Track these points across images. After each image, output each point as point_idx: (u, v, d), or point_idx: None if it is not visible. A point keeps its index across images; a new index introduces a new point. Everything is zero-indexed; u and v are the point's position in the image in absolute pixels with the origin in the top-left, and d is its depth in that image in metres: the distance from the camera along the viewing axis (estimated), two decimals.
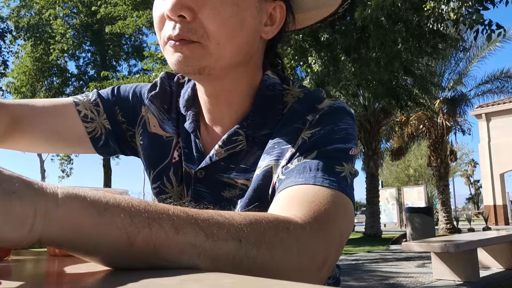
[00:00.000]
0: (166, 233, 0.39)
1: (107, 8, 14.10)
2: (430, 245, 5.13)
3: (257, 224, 0.45)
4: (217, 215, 0.43)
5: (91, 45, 19.84)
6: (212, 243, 0.41)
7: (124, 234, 0.38)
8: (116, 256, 0.39)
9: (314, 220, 0.50)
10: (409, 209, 12.65)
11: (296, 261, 0.46)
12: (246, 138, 0.70)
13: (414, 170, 37.05)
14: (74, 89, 19.65)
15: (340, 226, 0.53)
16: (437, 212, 17.03)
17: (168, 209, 0.41)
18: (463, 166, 48.16)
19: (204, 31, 0.62)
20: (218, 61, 0.64)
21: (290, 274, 0.46)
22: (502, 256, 6.02)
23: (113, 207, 0.38)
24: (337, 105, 0.68)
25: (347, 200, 0.57)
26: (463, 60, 17.24)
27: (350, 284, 6.01)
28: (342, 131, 0.64)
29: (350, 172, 0.61)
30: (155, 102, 0.80)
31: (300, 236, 0.47)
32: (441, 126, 16.25)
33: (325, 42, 8.43)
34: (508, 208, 22.37)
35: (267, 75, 0.73)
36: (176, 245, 0.39)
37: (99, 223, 0.37)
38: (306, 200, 0.53)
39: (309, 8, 0.77)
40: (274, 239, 0.45)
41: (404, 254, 9.36)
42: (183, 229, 0.40)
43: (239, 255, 0.42)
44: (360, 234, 16.08)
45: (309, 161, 0.59)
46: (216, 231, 0.41)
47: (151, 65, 12.13)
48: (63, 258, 0.64)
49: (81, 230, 0.37)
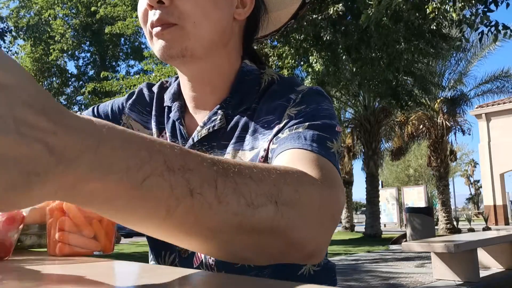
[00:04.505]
0: (209, 205, 0.38)
1: (106, 8, 14.11)
2: (430, 245, 5.13)
3: (291, 180, 0.46)
4: (254, 173, 0.43)
5: (90, 45, 19.87)
6: (252, 210, 0.41)
7: (162, 207, 0.36)
8: (151, 224, 0.38)
9: (325, 179, 0.52)
10: (409, 209, 12.66)
11: (316, 216, 0.48)
12: (225, 117, 0.74)
13: (414, 170, 37.07)
14: (74, 89, 19.66)
15: (341, 198, 0.55)
16: (437, 212, 17.04)
17: (210, 172, 0.39)
18: (463, 166, 48.22)
19: (181, 12, 0.67)
20: (197, 40, 0.69)
21: (309, 231, 0.47)
22: (502, 256, 6.01)
23: (152, 176, 0.35)
24: (315, 88, 0.73)
25: (340, 178, 0.59)
26: (463, 59, 17.26)
27: (350, 284, 6.01)
28: (326, 110, 0.68)
29: (338, 150, 0.63)
30: (134, 109, 0.85)
31: (321, 192, 0.50)
32: (441, 126, 16.26)
33: (327, 42, 8.43)
34: (508, 208, 22.37)
35: (245, 62, 0.78)
36: (218, 215, 0.39)
37: (135, 197, 0.35)
38: (311, 163, 0.55)
39: (277, 7, 0.82)
40: (304, 196, 0.46)
41: (404, 254, 9.36)
42: (225, 198, 0.39)
43: (277, 217, 0.43)
44: (360, 234, 16.09)
45: (302, 131, 0.62)
46: (256, 197, 0.41)
47: (151, 66, 12.14)
48: (63, 258, 0.64)
49: (114, 203, 0.35)
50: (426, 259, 7.97)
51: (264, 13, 0.81)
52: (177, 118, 0.79)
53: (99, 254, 0.69)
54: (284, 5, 0.83)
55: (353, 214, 21.97)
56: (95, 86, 12.60)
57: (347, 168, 19.92)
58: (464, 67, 17.42)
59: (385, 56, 9.03)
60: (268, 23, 0.83)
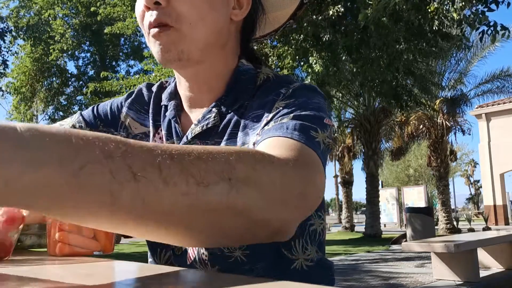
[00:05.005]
0: (155, 187, 0.37)
1: (106, 8, 14.10)
2: (430, 245, 5.13)
3: (245, 158, 0.45)
4: (203, 153, 0.42)
5: (90, 45, 19.85)
6: (203, 189, 0.40)
7: (106, 193, 0.35)
8: (98, 215, 0.37)
9: (294, 160, 0.52)
10: (409, 209, 12.65)
11: (278, 194, 0.47)
12: (219, 115, 0.74)
13: (414, 170, 37.07)
14: (74, 89, 19.66)
15: (319, 181, 0.54)
16: (437, 212, 17.03)
17: (152, 156, 0.38)
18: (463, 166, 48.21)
19: (177, 13, 0.67)
20: (193, 43, 0.69)
21: (271, 209, 0.46)
22: (502, 256, 6.01)
23: (90, 163, 0.35)
24: (308, 84, 0.74)
25: (321, 164, 0.58)
26: (463, 59, 17.26)
27: (350, 284, 6.01)
28: (315, 103, 0.68)
29: (324, 141, 0.62)
30: (132, 107, 0.86)
31: (284, 170, 0.49)
32: (441, 126, 16.25)
33: (327, 42, 8.42)
34: (508, 208, 22.37)
35: (241, 62, 0.79)
36: (167, 197, 0.38)
37: (75, 186, 0.34)
38: (285, 147, 0.55)
39: (276, 7, 0.83)
40: (261, 173, 0.45)
41: (403, 254, 9.35)
42: (172, 179, 0.38)
43: (232, 194, 0.42)
44: (360, 234, 16.09)
45: (285, 122, 0.61)
46: (206, 175, 0.40)
47: (151, 66, 12.13)
48: (63, 258, 0.64)
49: (53, 196, 0.34)
50: (426, 259, 7.97)
51: (262, 14, 0.81)
52: (173, 116, 0.80)
53: (99, 254, 0.69)
54: (282, 6, 0.83)
55: (353, 214, 21.96)
56: (95, 86, 12.58)
57: (347, 168, 19.91)
58: (464, 67, 17.42)
59: (385, 56, 9.03)
60: (266, 23, 0.83)
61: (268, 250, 0.70)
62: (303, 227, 0.73)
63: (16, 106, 18.52)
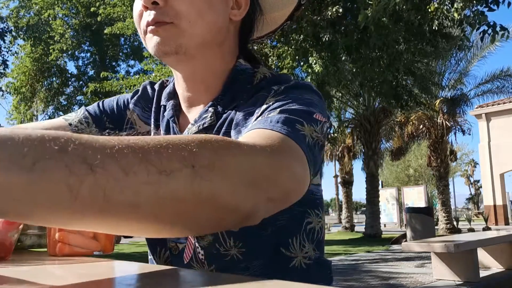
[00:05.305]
0: (114, 178, 0.36)
1: (106, 9, 14.09)
2: (430, 245, 5.13)
3: (208, 144, 0.44)
4: (164, 142, 0.41)
5: (90, 45, 19.84)
6: (166, 177, 0.38)
7: (64, 187, 0.34)
8: (59, 212, 0.35)
9: (268, 146, 0.50)
10: (409, 209, 12.65)
11: (246, 178, 0.46)
12: (216, 114, 0.75)
13: (414, 170, 37.06)
14: (74, 89, 19.65)
15: (295, 168, 0.53)
16: (437, 212, 17.03)
17: (108, 147, 0.37)
18: (463, 166, 48.20)
19: (176, 12, 0.68)
20: (191, 38, 0.70)
21: (239, 193, 0.45)
22: (502, 256, 6.01)
23: (43, 159, 0.33)
24: (304, 82, 0.73)
25: (303, 155, 0.55)
26: (463, 59, 17.26)
27: (350, 284, 6.01)
28: (307, 99, 0.66)
29: (311, 135, 0.60)
30: (138, 104, 0.87)
31: (253, 154, 0.48)
32: (441, 126, 16.25)
33: (326, 42, 8.42)
34: (508, 208, 22.37)
35: (239, 62, 0.79)
36: (129, 188, 0.36)
37: (30, 182, 0.33)
38: (263, 137, 0.53)
39: (274, 8, 0.83)
40: (226, 157, 0.44)
41: (403, 254, 9.35)
42: (132, 168, 0.37)
43: (196, 181, 0.40)
44: (360, 234, 16.09)
45: (271, 116, 0.60)
46: (168, 163, 0.39)
47: (151, 66, 12.13)
48: (63, 258, 0.64)
49: (8, 196, 0.33)
50: (426, 259, 7.97)
51: (260, 15, 0.82)
52: (171, 116, 0.80)
53: (99, 254, 0.69)
54: (279, 7, 0.84)
55: (353, 214, 21.96)
56: (95, 87, 12.58)
57: (347, 168, 19.92)
58: (464, 67, 17.42)
59: (385, 56, 9.03)
60: (263, 24, 0.84)
61: (264, 248, 0.70)
62: (300, 226, 0.73)
63: (16, 106, 18.51)
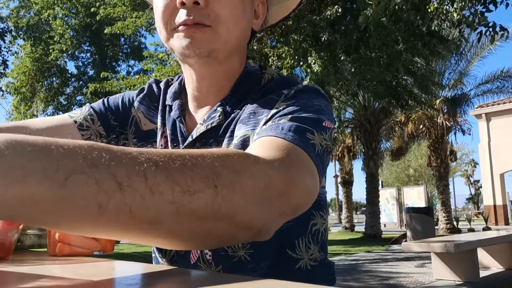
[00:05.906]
0: (141, 196, 0.37)
1: (106, 9, 14.08)
2: (430, 245, 5.13)
3: (230, 162, 0.45)
4: (188, 160, 0.42)
5: (90, 45, 19.83)
6: (189, 197, 0.40)
7: (93, 203, 0.35)
8: (85, 224, 0.37)
9: (280, 160, 0.51)
10: (409, 209, 12.65)
11: (261, 195, 0.47)
12: (224, 114, 0.75)
13: (414, 170, 37.04)
14: (74, 89, 19.65)
15: (307, 181, 0.54)
16: (437, 212, 17.03)
17: (137, 164, 0.38)
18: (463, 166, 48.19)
19: (216, 15, 0.68)
20: (225, 44, 0.71)
21: (254, 211, 0.46)
22: (502, 256, 6.01)
23: (75, 174, 0.34)
24: (312, 86, 0.73)
25: (313, 165, 0.57)
26: (463, 59, 17.24)
27: (350, 284, 6.01)
28: (316, 106, 0.67)
29: (321, 143, 0.61)
30: (144, 103, 0.87)
31: (268, 170, 0.48)
32: (441, 126, 16.25)
33: (326, 42, 8.42)
34: (508, 208, 22.37)
35: (248, 63, 0.80)
36: (154, 206, 0.38)
37: (61, 197, 0.34)
38: (275, 147, 0.54)
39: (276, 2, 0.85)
40: (245, 177, 0.45)
41: (403, 254, 9.36)
42: (158, 188, 0.38)
43: (217, 201, 0.42)
44: (360, 234, 16.09)
45: (282, 123, 0.61)
46: (192, 183, 0.40)
47: (151, 66, 12.12)
48: (63, 258, 0.64)
49: (39, 207, 0.34)
50: (426, 259, 7.97)
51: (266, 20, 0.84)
52: (177, 116, 0.80)
53: (99, 254, 0.69)
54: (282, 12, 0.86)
55: (353, 214, 21.97)
56: (95, 87, 12.57)
57: (347, 168, 19.93)
58: (464, 67, 17.40)
59: (384, 56, 9.03)
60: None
61: (271, 250, 0.70)
62: (306, 227, 0.73)
63: (16, 106, 18.52)
